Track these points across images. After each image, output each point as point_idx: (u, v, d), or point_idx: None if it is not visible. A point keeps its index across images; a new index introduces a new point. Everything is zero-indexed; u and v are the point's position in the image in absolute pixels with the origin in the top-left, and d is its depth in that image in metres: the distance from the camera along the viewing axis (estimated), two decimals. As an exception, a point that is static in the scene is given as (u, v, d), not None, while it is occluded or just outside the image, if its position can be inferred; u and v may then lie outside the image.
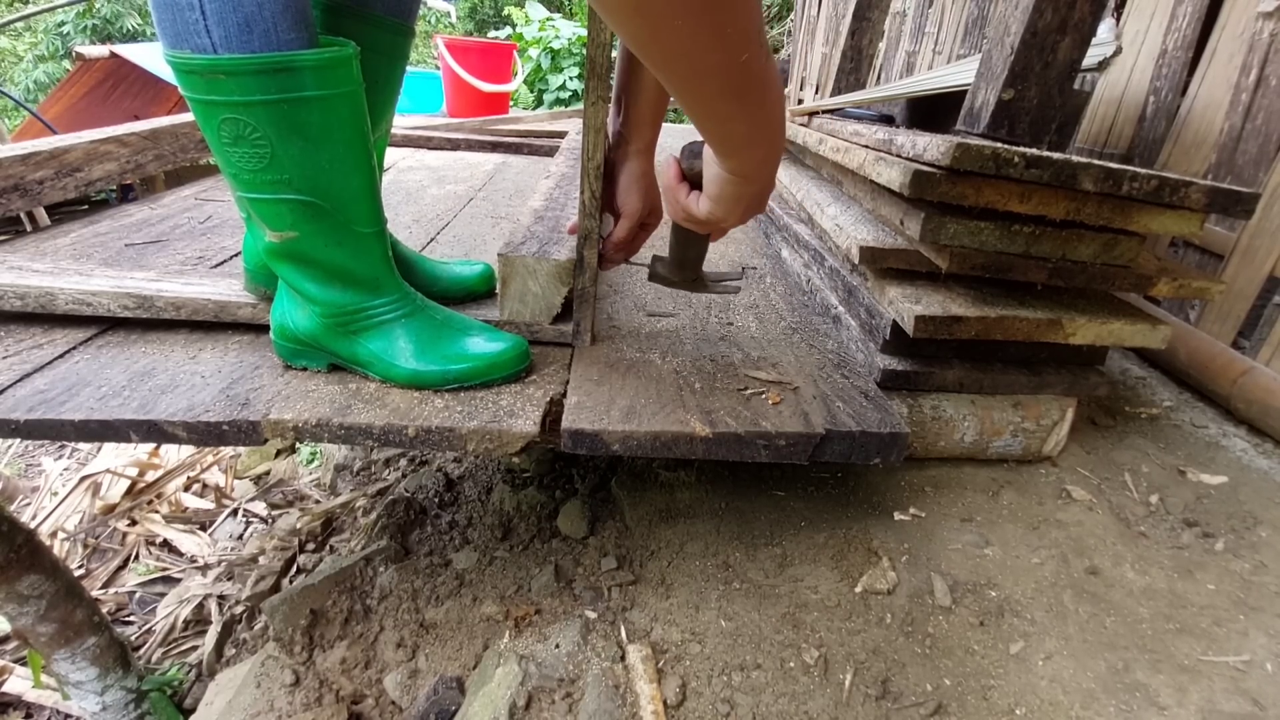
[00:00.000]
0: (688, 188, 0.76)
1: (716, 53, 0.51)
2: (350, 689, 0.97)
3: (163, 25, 0.67)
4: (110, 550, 1.96)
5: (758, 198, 0.72)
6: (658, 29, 0.48)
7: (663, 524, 1.02)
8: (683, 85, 0.55)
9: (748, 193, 0.70)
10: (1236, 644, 0.81)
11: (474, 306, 1.05)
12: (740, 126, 0.62)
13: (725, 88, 0.55)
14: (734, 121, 0.61)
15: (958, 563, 0.92)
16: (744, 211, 0.73)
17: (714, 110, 0.59)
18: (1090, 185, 0.88)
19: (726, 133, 0.63)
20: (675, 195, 0.77)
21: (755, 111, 0.60)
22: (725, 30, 0.49)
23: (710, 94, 0.56)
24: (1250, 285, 1.28)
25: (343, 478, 1.96)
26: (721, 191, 0.70)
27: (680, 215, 0.78)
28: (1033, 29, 1.07)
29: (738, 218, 0.74)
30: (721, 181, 0.69)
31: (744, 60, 0.52)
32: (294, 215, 0.77)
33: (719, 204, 0.72)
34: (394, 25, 0.88)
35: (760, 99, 0.59)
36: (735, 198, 0.71)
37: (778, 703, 0.74)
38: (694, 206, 0.75)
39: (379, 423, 0.81)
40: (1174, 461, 1.14)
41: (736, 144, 0.64)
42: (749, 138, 0.63)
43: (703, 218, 0.75)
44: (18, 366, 0.87)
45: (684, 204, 0.76)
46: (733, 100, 0.57)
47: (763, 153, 0.66)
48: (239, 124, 0.70)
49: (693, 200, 0.75)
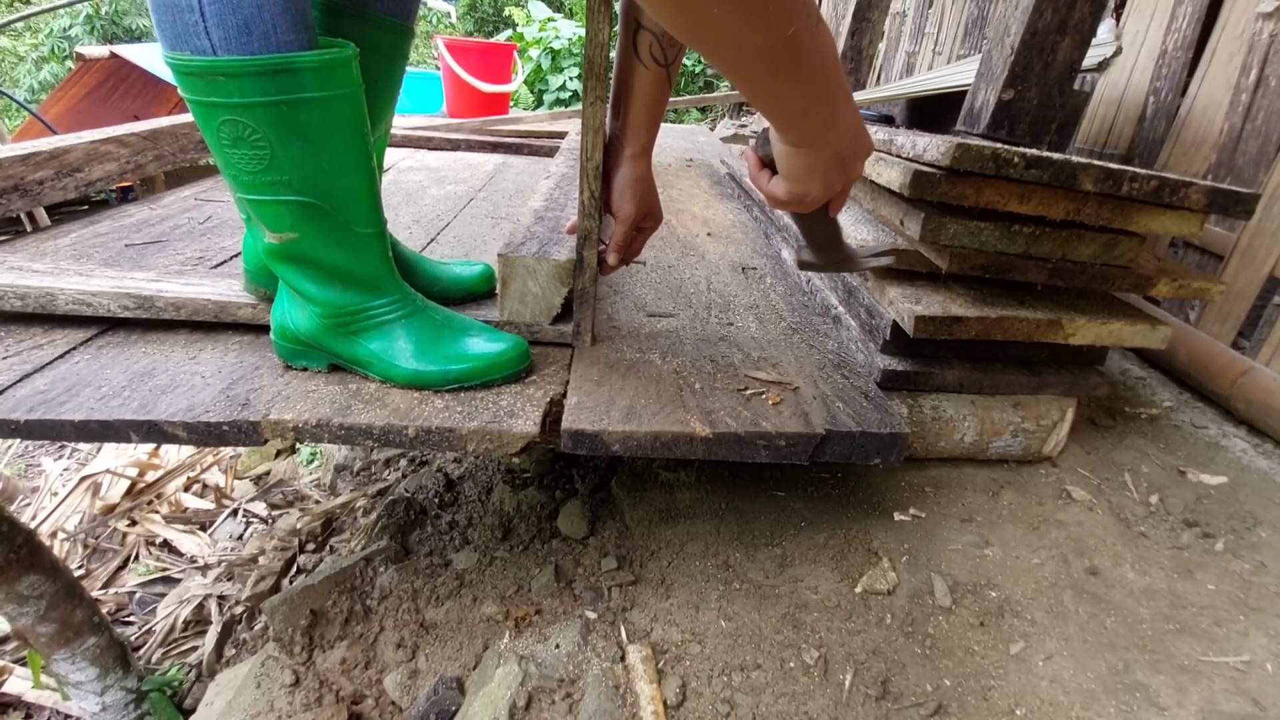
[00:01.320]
0: (769, 174, 0.74)
1: (761, 32, 0.51)
2: (350, 689, 0.97)
3: (162, 27, 0.67)
4: (110, 550, 1.95)
5: (837, 164, 0.68)
6: (697, 19, 0.49)
7: (663, 524, 1.02)
8: (734, 69, 0.55)
9: (821, 160, 0.67)
10: (1236, 644, 0.81)
11: (474, 307, 1.05)
12: (797, 99, 0.60)
13: (776, 65, 0.55)
14: (790, 95, 0.60)
15: (958, 563, 0.92)
16: (824, 181, 0.69)
17: (769, 87, 0.58)
18: (1090, 185, 0.88)
19: (784, 107, 0.62)
20: (759, 183, 0.75)
21: (811, 80, 0.58)
22: (766, 9, 0.49)
23: (762, 73, 0.56)
24: (1250, 285, 1.28)
25: (343, 478, 1.96)
26: (791, 167, 0.69)
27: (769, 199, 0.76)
28: (1033, 29, 1.07)
29: (820, 189, 0.70)
30: (788, 156, 0.68)
31: (791, 35, 0.52)
32: (294, 216, 0.77)
33: (793, 181, 0.70)
34: (394, 25, 0.88)
35: (815, 67, 0.57)
36: (808, 169, 0.68)
37: (778, 703, 0.74)
38: (775, 189, 0.73)
39: (379, 423, 0.81)
40: (1174, 462, 1.14)
41: (795, 116, 0.63)
42: (806, 110, 0.62)
43: (784, 198, 0.72)
44: (18, 367, 0.87)
45: (767, 190, 0.74)
46: (786, 76, 0.56)
47: (825, 118, 0.63)
48: (239, 125, 0.70)
49: (774, 184, 0.73)
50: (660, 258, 1.43)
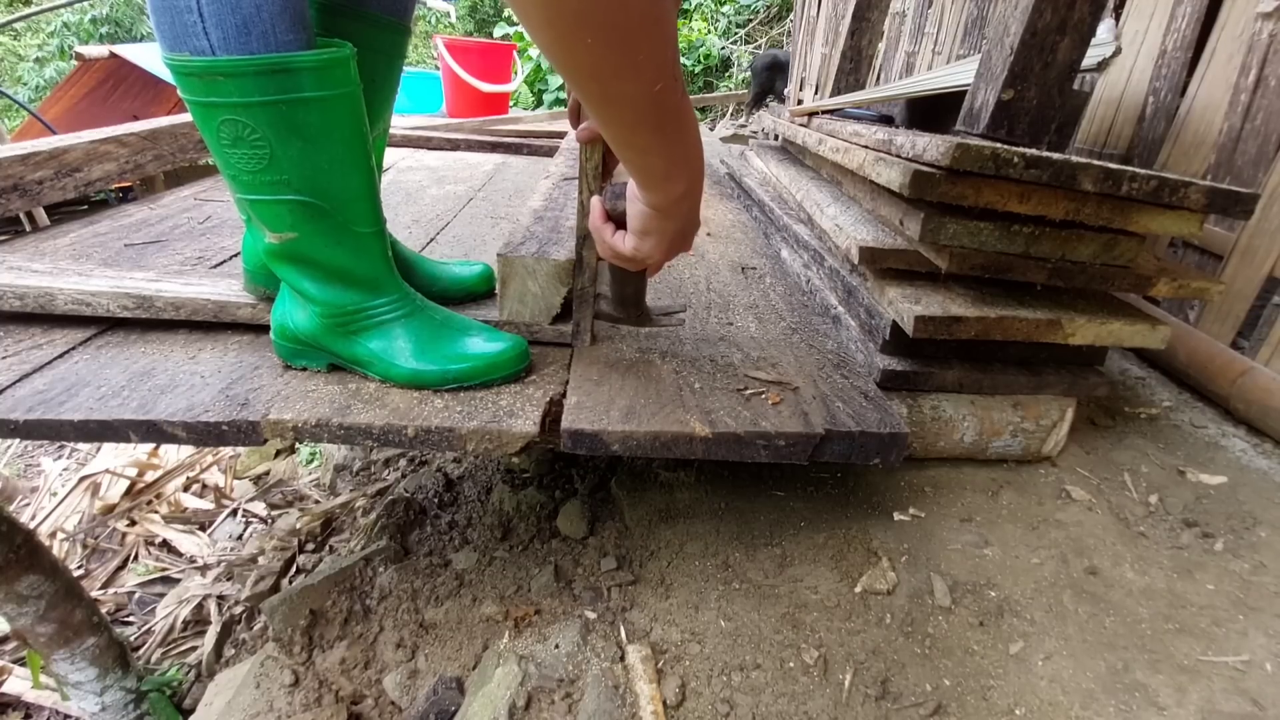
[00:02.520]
0: (613, 227, 0.77)
1: (629, 80, 0.52)
2: (350, 689, 0.97)
3: (161, 28, 0.67)
4: (109, 550, 1.95)
5: (681, 234, 0.73)
6: (570, 46, 0.49)
7: (662, 524, 1.02)
8: (600, 109, 0.56)
9: (670, 228, 0.71)
10: (1236, 644, 0.81)
11: (473, 307, 1.05)
12: (658, 160, 0.63)
13: (641, 118, 0.57)
14: (651, 154, 0.62)
15: (957, 563, 0.92)
16: (668, 248, 0.74)
17: (631, 140, 0.61)
18: (1090, 185, 0.88)
19: (645, 165, 0.64)
20: (601, 235, 0.78)
21: (673, 145, 0.62)
22: (637, 56, 0.50)
23: (627, 122, 0.58)
24: (1249, 285, 1.28)
25: (342, 478, 1.96)
26: (644, 227, 0.72)
27: (609, 254, 0.79)
28: (1032, 29, 1.07)
29: (662, 254, 0.75)
30: (644, 217, 0.71)
31: (658, 90, 0.53)
32: (293, 216, 0.77)
33: (643, 240, 0.73)
34: (391, 24, 0.88)
35: (678, 133, 0.60)
36: (659, 233, 0.72)
37: (777, 703, 0.74)
38: (620, 244, 0.76)
39: (379, 423, 0.81)
40: (1173, 461, 1.14)
41: (656, 177, 0.66)
42: (667, 172, 0.65)
43: (629, 254, 0.76)
44: (17, 367, 0.87)
45: (610, 243, 0.77)
46: (649, 132, 0.59)
47: (682, 188, 0.67)
48: (238, 125, 0.70)
49: (618, 239, 0.76)
50: (660, 258, 1.43)
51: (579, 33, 0.47)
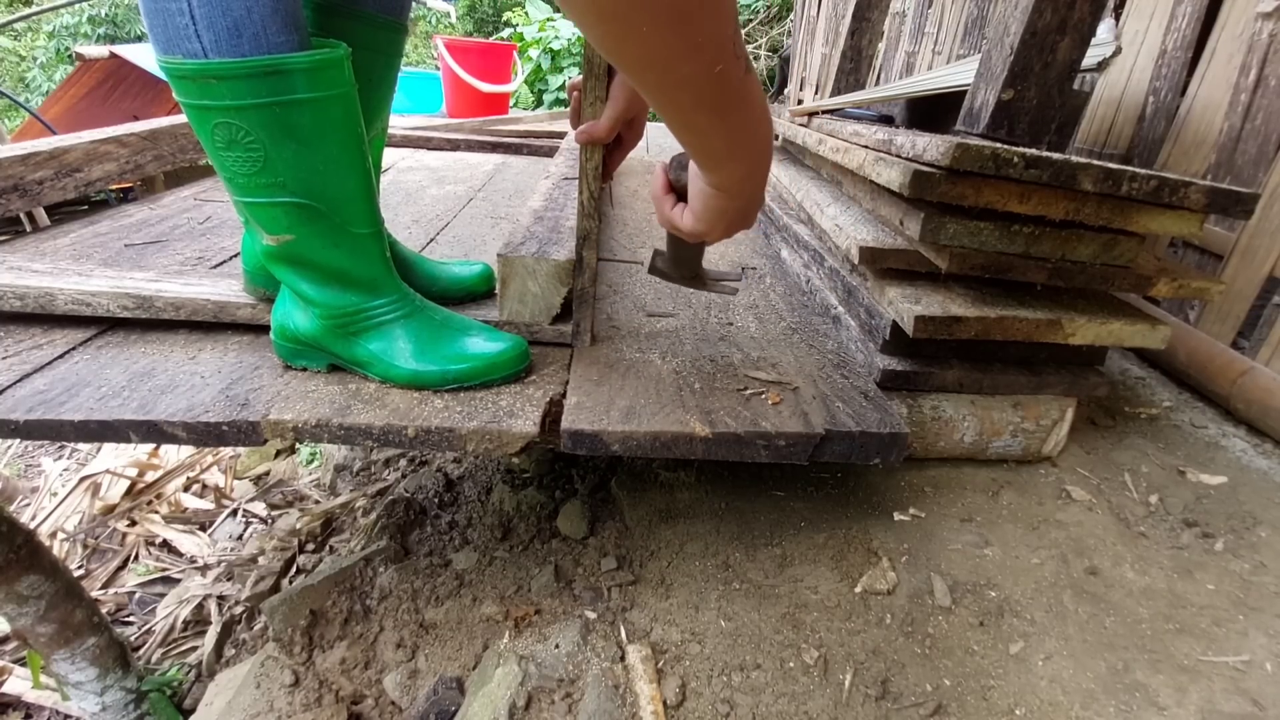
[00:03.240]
0: (674, 199, 0.75)
1: (688, 62, 0.49)
2: (350, 689, 0.97)
3: (154, 31, 0.67)
4: (110, 550, 1.95)
5: (742, 213, 0.71)
6: (625, 36, 0.47)
7: (662, 524, 1.02)
8: (656, 95, 0.54)
9: (731, 208, 0.69)
10: (1236, 644, 0.81)
11: (473, 307, 1.05)
12: (719, 141, 0.60)
13: (700, 100, 0.54)
14: (712, 135, 0.59)
15: (958, 563, 0.92)
16: (727, 227, 0.72)
17: (691, 122, 0.58)
18: (1090, 185, 0.88)
19: (706, 146, 0.62)
20: (661, 206, 0.76)
21: (734, 126, 0.59)
22: (696, 39, 0.48)
23: (685, 105, 0.55)
24: (1250, 285, 1.28)
25: (342, 478, 1.96)
26: (705, 206, 0.69)
27: (666, 225, 0.77)
28: (1032, 29, 1.07)
29: (720, 232, 0.73)
30: (705, 196, 0.68)
31: (719, 71, 0.51)
32: (290, 218, 0.77)
33: (701, 219, 0.71)
34: (387, 23, 0.88)
35: (740, 113, 0.57)
36: (718, 212, 0.69)
37: (777, 703, 0.74)
38: (678, 219, 0.74)
39: (379, 423, 0.81)
40: (1174, 461, 1.14)
41: (717, 158, 0.63)
42: (729, 152, 0.62)
43: (687, 230, 0.74)
44: (17, 367, 0.87)
45: (669, 216, 0.75)
46: (709, 113, 0.56)
47: (745, 169, 0.64)
48: (232, 128, 0.70)
49: (677, 213, 0.74)
50: (660, 258, 1.43)
51: (634, 20, 0.45)
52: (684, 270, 0.94)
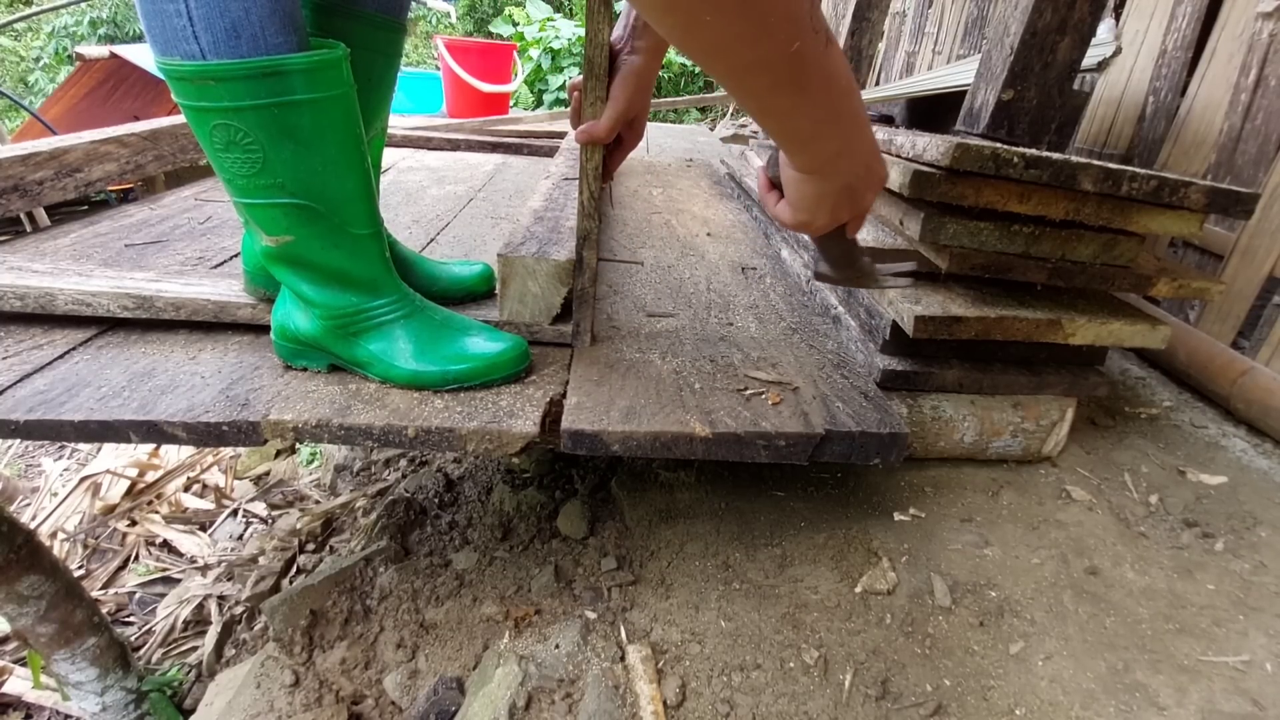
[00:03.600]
0: (777, 195, 0.71)
1: (761, 44, 0.47)
2: (350, 689, 0.97)
3: (152, 32, 0.67)
4: (110, 551, 1.95)
5: (846, 194, 0.65)
6: (690, 25, 0.46)
7: (663, 524, 1.02)
8: (730, 81, 0.52)
9: (830, 190, 0.64)
10: (1236, 644, 0.81)
11: (473, 307, 1.05)
12: (804, 121, 0.57)
13: (778, 81, 0.51)
14: (795, 116, 0.56)
15: (958, 563, 0.92)
16: (832, 211, 0.67)
17: (770, 105, 0.55)
18: (1090, 185, 0.88)
19: (789, 128, 0.59)
20: (766, 204, 0.73)
21: (819, 103, 0.55)
22: (767, 20, 0.46)
23: (762, 89, 0.53)
24: (1250, 285, 1.28)
25: (343, 478, 1.96)
26: (799, 193, 0.66)
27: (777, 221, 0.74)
28: (1032, 29, 1.07)
29: (826, 220, 0.68)
30: (796, 183, 0.65)
31: (795, 50, 0.48)
32: (289, 219, 0.77)
33: (799, 208, 0.67)
34: (386, 22, 0.88)
35: (824, 89, 0.54)
36: (816, 197, 0.65)
37: (778, 703, 0.74)
38: (782, 214, 0.70)
39: (379, 423, 0.81)
40: (1174, 461, 1.14)
41: (803, 139, 0.60)
42: (815, 132, 0.59)
43: (789, 223, 0.70)
44: (18, 367, 0.87)
45: (774, 212, 0.72)
46: (790, 93, 0.53)
47: (835, 145, 0.60)
48: (230, 129, 0.70)
49: (780, 209, 0.71)
50: (660, 258, 1.43)
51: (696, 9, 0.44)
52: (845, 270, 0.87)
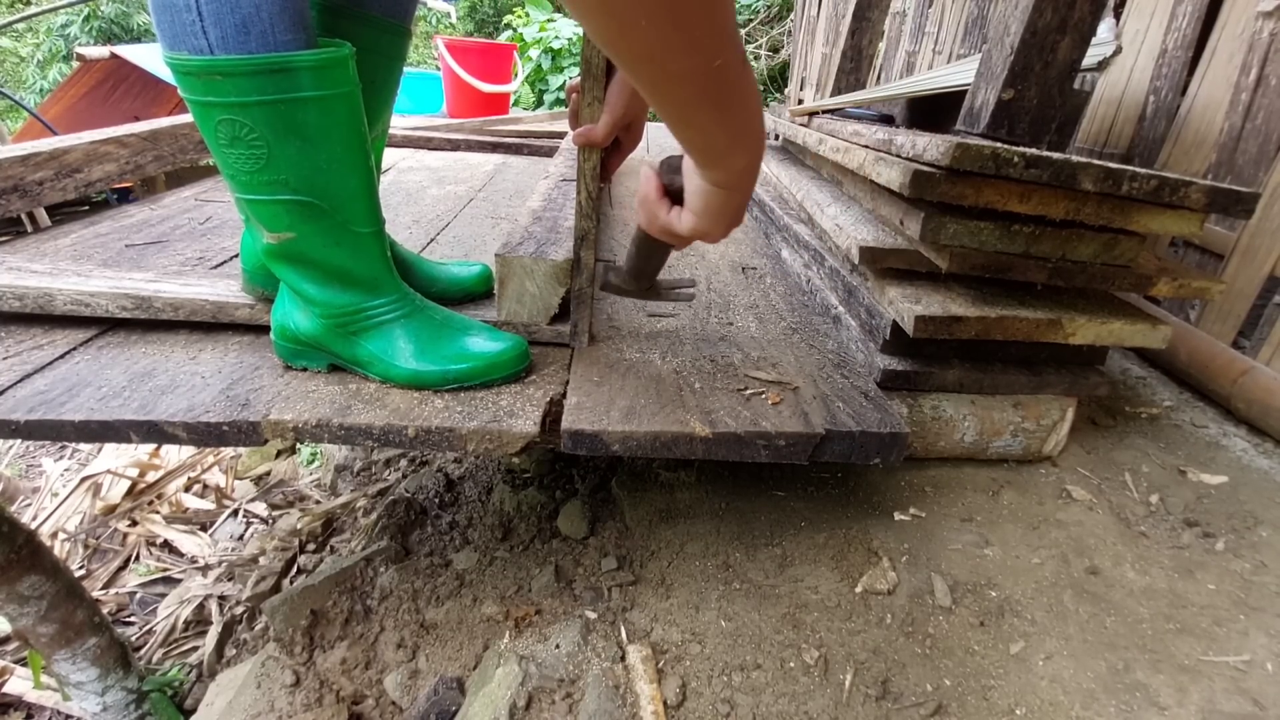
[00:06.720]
0: (669, 204, 0.74)
1: (688, 56, 0.49)
2: (350, 689, 0.97)
3: (161, 27, 0.68)
4: (111, 551, 1.96)
5: (740, 208, 0.70)
6: (623, 29, 0.47)
7: (663, 524, 1.02)
8: (655, 91, 0.54)
9: (732, 203, 0.68)
10: (1237, 644, 0.81)
11: (472, 307, 1.05)
12: (720, 136, 0.60)
13: (701, 94, 0.54)
14: (714, 130, 0.59)
15: (958, 563, 0.92)
16: (729, 223, 0.71)
17: (692, 118, 0.58)
18: (1090, 185, 0.88)
19: (707, 142, 0.61)
20: (655, 211, 0.74)
21: (735, 119, 0.58)
22: (695, 33, 0.47)
23: (685, 100, 0.55)
24: (1250, 285, 1.28)
25: (343, 478, 1.97)
26: (706, 204, 0.68)
27: (660, 231, 0.76)
28: (1032, 29, 1.07)
29: (723, 230, 0.72)
30: (706, 194, 0.67)
31: (718, 66, 0.50)
32: (291, 216, 0.77)
33: (703, 218, 0.70)
34: (391, 26, 0.88)
35: (740, 106, 0.57)
36: (720, 209, 0.68)
37: (778, 703, 0.74)
38: (676, 222, 0.73)
39: (379, 423, 0.81)
40: (1174, 461, 1.14)
41: (718, 152, 0.62)
42: (730, 147, 0.61)
43: (686, 233, 0.72)
44: (18, 367, 0.87)
45: (665, 221, 0.74)
46: (710, 108, 0.56)
47: (745, 161, 0.64)
48: (236, 125, 0.71)
49: (674, 216, 0.73)
50: (660, 258, 1.43)
51: (630, 16, 0.45)
52: (644, 282, 0.92)
